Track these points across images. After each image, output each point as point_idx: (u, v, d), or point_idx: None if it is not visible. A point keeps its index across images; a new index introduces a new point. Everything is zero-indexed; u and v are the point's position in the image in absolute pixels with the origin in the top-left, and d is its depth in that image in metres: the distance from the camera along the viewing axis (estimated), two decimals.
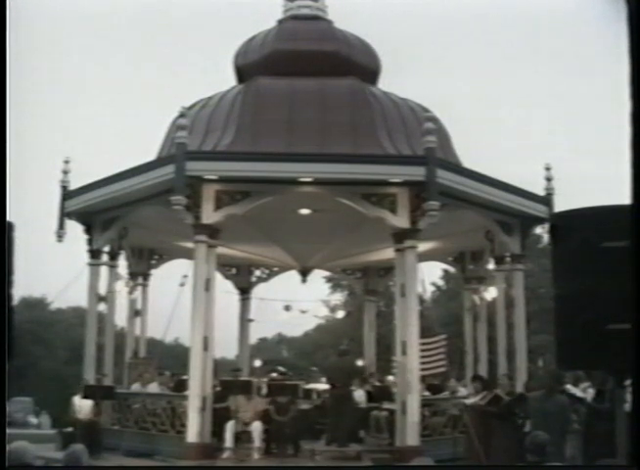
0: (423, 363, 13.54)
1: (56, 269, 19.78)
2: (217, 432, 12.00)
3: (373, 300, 19.76)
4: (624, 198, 3.40)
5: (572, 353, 4.05)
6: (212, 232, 12.44)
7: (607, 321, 3.78)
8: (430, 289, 28.62)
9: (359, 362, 17.62)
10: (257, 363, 20.93)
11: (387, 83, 15.49)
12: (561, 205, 13.52)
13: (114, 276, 15.15)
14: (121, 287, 15.55)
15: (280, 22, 15.67)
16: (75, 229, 14.50)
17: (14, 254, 3.85)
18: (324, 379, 15.19)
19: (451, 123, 14.66)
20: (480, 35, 68.24)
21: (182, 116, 12.59)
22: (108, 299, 14.89)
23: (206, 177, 12.29)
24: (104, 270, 14.87)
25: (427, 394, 13.61)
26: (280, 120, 13.34)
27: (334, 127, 13.25)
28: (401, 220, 12.35)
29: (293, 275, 19.03)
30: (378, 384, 15.15)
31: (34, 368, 33.78)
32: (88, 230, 14.60)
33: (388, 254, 13.92)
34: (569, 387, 11.36)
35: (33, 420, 24.85)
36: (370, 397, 14.10)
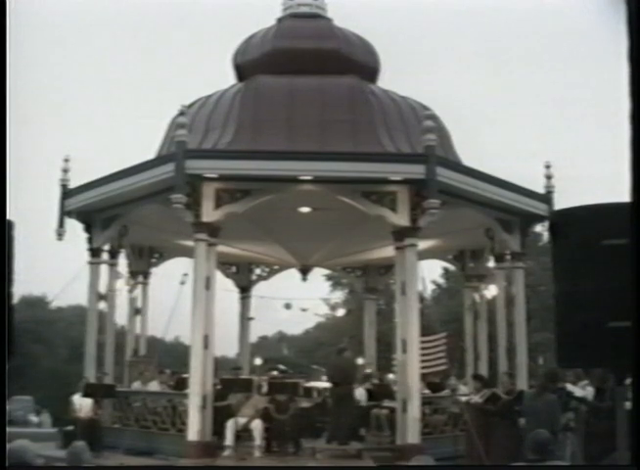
0: (423, 361, 13.56)
1: (56, 268, 19.81)
2: (218, 430, 11.99)
3: (373, 298, 19.76)
4: (624, 196, 3.39)
5: (573, 351, 4.05)
6: (212, 230, 12.44)
7: (607, 319, 3.78)
8: (430, 287, 28.68)
9: (359, 360, 17.64)
10: (258, 361, 20.97)
11: (386, 81, 15.51)
12: (561, 203, 13.52)
13: (114, 275, 15.15)
14: (122, 285, 15.55)
15: (279, 20, 15.67)
16: (75, 228, 14.50)
17: (14, 252, 3.85)
18: (324, 377, 15.20)
19: (451, 121, 14.68)
20: (481, 34, 68.32)
21: (182, 114, 12.59)
22: (108, 297, 14.88)
23: (206, 176, 12.28)
24: (104, 269, 14.86)
25: (427, 392, 13.61)
26: (280, 119, 13.34)
27: (333, 125, 13.24)
28: (401, 218, 12.35)
29: (293, 273, 19.06)
30: (378, 382, 15.16)
31: (35, 367, 33.76)
32: (88, 229, 14.59)
33: (388, 252, 13.91)
34: (568, 385, 11.37)
35: (34, 419, 24.82)
36: (370, 395, 14.10)
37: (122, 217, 14.10)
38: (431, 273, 28.32)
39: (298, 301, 20.65)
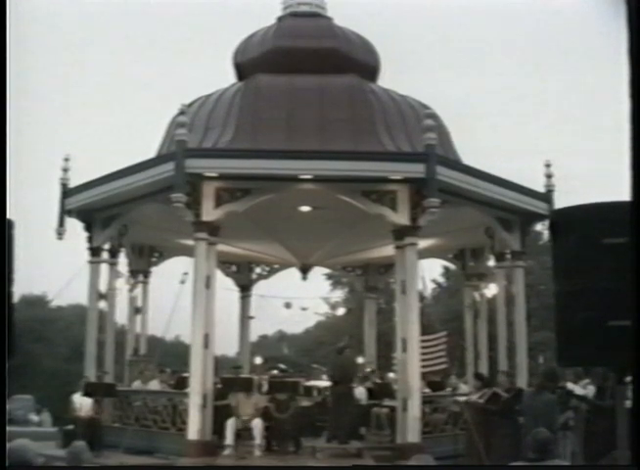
0: (423, 360, 13.55)
1: (56, 267, 19.81)
2: (218, 429, 12.00)
3: (373, 297, 19.77)
4: (624, 195, 3.39)
5: (573, 350, 4.05)
6: (213, 229, 12.44)
7: (607, 318, 3.78)
8: (430, 286, 28.65)
9: (359, 359, 17.62)
10: (258, 361, 20.89)
11: (386, 80, 15.51)
12: (561, 201, 13.52)
13: (114, 274, 15.15)
14: (122, 285, 15.55)
15: (279, 19, 15.67)
16: (76, 227, 14.52)
17: (14, 251, 3.85)
18: (325, 376, 15.20)
19: (451, 120, 14.68)
20: (481, 33, 68.23)
21: (182, 113, 12.59)
22: (108, 296, 14.88)
23: (206, 175, 12.28)
24: (104, 268, 14.86)
25: (427, 391, 13.61)
26: (279, 118, 13.34)
27: (333, 124, 13.25)
28: (401, 217, 12.35)
29: (293, 272, 19.07)
30: (378, 381, 15.16)
31: (35, 366, 33.71)
32: (88, 228, 14.60)
33: (388, 251, 13.91)
34: (569, 384, 11.38)
35: (34, 418, 24.79)
36: (371, 394, 14.11)
37: (122, 216, 14.10)
38: (431, 272, 28.28)
39: (299, 300, 20.62)
